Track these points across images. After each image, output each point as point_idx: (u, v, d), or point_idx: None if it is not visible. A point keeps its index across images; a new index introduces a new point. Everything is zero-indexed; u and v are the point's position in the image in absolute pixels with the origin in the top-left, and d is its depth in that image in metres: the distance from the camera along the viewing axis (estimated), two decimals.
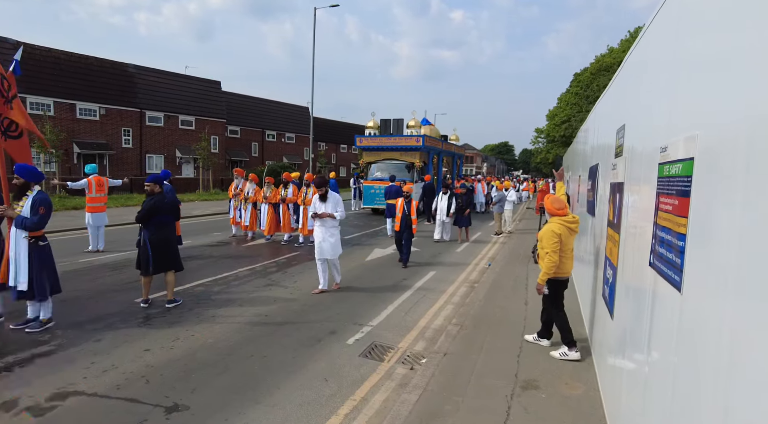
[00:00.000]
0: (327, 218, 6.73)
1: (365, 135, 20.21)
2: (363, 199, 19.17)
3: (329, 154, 52.03)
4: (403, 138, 18.93)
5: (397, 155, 18.89)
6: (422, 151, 18.76)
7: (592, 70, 40.14)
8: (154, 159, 33.29)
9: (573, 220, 4.63)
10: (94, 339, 4.88)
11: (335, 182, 19.20)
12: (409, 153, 18.70)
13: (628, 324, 2.68)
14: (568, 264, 4.61)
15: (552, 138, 45.32)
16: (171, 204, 6.17)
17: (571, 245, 4.64)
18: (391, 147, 18.89)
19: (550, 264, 4.43)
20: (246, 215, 11.59)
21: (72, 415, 3.41)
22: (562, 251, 4.48)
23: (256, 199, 11.40)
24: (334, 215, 6.73)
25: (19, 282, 4.94)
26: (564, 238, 4.50)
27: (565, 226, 4.55)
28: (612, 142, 3.93)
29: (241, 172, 12.16)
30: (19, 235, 4.96)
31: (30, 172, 5.11)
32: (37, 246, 5.03)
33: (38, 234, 5.05)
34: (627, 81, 3.49)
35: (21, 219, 4.88)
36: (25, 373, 4.05)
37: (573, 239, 4.66)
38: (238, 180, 12.01)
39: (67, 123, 28.12)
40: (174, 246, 6.22)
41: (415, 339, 5.25)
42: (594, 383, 4.00)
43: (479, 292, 7.07)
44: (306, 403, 3.72)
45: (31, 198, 5.01)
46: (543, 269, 4.51)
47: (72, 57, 29.48)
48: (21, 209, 4.95)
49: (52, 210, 5.23)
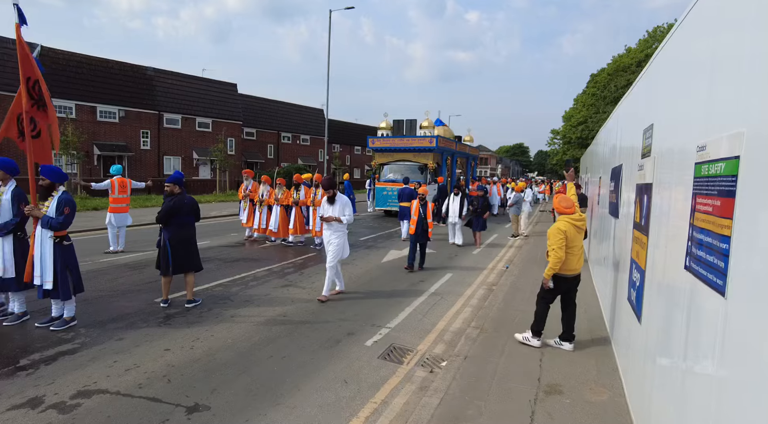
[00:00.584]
0: (334, 221, 6.51)
1: (378, 136, 20.00)
2: (375, 201, 18.97)
3: (343, 155, 52.18)
4: (416, 139, 18.68)
5: (410, 156, 18.67)
6: (435, 153, 18.49)
7: (609, 71, 39.51)
8: (171, 160, 33.76)
9: (580, 218, 4.79)
10: (116, 338, 4.93)
11: (350, 184, 19.14)
12: (422, 154, 18.46)
13: (659, 329, 2.60)
14: (574, 261, 4.75)
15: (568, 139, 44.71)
16: (191, 205, 6.13)
17: (579, 243, 4.76)
18: (403, 148, 18.68)
19: (555, 260, 4.61)
20: (261, 217, 11.47)
21: (96, 413, 3.44)
22: (569, 248, 4.66)
23: (270, 201, 11.26)
24: (340, 218, 6.47)
25: (45, 281, 5.02)
26: (570, 235, 4.66)
27: (571, 224, 4.71)
28: (638, 142, 3.85)
29: (250, 173, 12.01)
30: (45, 234, 5.04)
31: (55, 173, 5.18)
32: (61, 246, 5.11)
33: (63, 234, 5.13)
34: (656, 79, 3.40)
35: (47, 219, 4.96)
36: (50, 370, 4.11)
37: (581, 237, 4.81)
38: (247, 181, 11.85)
39: (88, 125, 28.70)
40: (194, 247, 6.21)
41: (434, 342, 5.20)
42: (619, 389, 3.91)
43: (498, 295, 6.98)
44: (326, 405, 3.70)
45: (57, 198, 5.09)
46: (549, 265, 4.68)
47: (93, 61, 30.09)
48: (47, 209, 5.03)
49: (76, 210, 5.31)
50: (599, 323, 5.72)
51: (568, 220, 4.73)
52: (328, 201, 6.56)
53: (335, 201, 6.53)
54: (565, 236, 4.62)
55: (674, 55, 2.85)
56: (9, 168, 5.25)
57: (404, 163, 18.73)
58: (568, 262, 4.70)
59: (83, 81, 29.02)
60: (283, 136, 46.46)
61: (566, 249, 4.63)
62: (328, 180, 6.59)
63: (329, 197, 6.54)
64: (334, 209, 6.51)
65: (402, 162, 18.79)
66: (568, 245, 4.64)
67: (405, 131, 20.41)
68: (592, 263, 8.77)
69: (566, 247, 4.63)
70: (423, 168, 18.38)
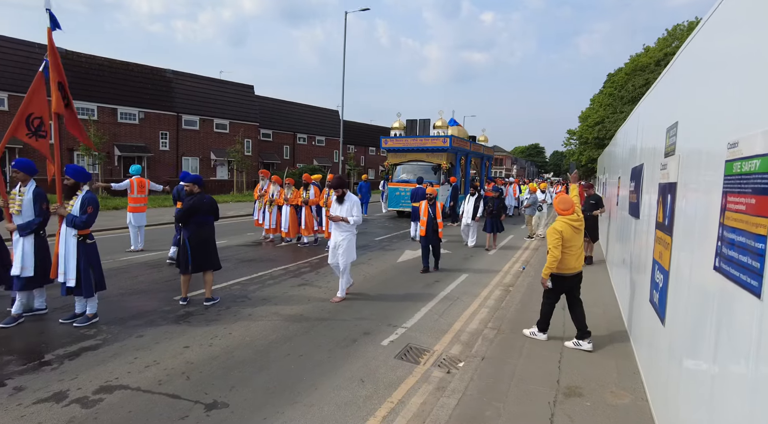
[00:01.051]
0: (341, 221, 6.38)
1: (391, 136, 19.76)
2: (388, 202, 18.75)
3: (358, 156, 52.32)
4: (429, 139, 18.33)
5: (423, 156, 18.38)
6: (449, 153, 18.18)
7: (627, 71, 38.89)
8: (189, 161, 34.24)
9: (577, 219, 4.92)
10: (136, 335, 5.01)
11: (368, 185, 18.92)
12: (435, 154, 18.16)
13: (686, 332, 2.54)
14: (573, 260, 4.88)
15: (585, 140, 44.13)
16: (210, 204, 6.18)
17: (577, 243, 4.89)
18: (416, 148, 18.42)
19: (552, 259, 4.75)
20: (271, 217, 11.44)
21: (117, 408, 3.50)
22: (566, 248, 4.79)
23: (279, 201, 11.16)
24: (348, 218, 6.33)
25: (68, 278, 5.12)
26: (567, 235, 4.79)
27: (568, 224, 4.83)
28: (660, 141, 3.77)
29: (266, 173, 11.99)
30: (69, 233, 5.15)
31: (80, 172, 5.30)
32: (84, 244, 5.22)
33: (86, 232, 5.24)
34: (681, 76, 3.32)
35: (71, 217, 5.06)
36: (74, 365, 4.19)
37: (579, 237, 4.93)
38: (263, 181, 11.83)
39: (109, 127, 29.28)
40: (212, 246, 6.27)
41: (451, 342, 5.17)
42: (641, 393, 3.83)
43: (515, 296, 6.91)
44: (343, 404, 3.70)
45: (81, 197, 5.19)
46: (546, 264, 4.83)
47: (114, 64, 30.70)
48: (71, 208, 5.14)
49: (99, 209, 5.41)
50: (618, 325, 5.62)
51: (565, 220, 4.85)
52: (337, 200, 6.47)
53: (344, 201, 6.43)
54: (561, 236, 4.75)
55: (701, 51, 2.78)
56: (28, 169, 5.33)
57: (417, 163, 18.49)
58: (566, 261, 4.83)
59: (105, 84, 29.63)
60: (299, 137, 46.78)
61: (564, 249, 4.77)
62: (338, 179, 6.56)
63: (339, 197, 6.45)
64: (343, 209, 6.41)
65: (415, 162, 18.55)
66: (565, 245, 4.78)
67: (418, 131, 20.03)
68: (611, 264, 8.62)
69: (564, 247, 4.77)
70: (436, 168, 18.14)
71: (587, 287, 7.54)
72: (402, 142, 18.81)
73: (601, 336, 5.23)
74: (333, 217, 6.38)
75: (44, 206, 5.31)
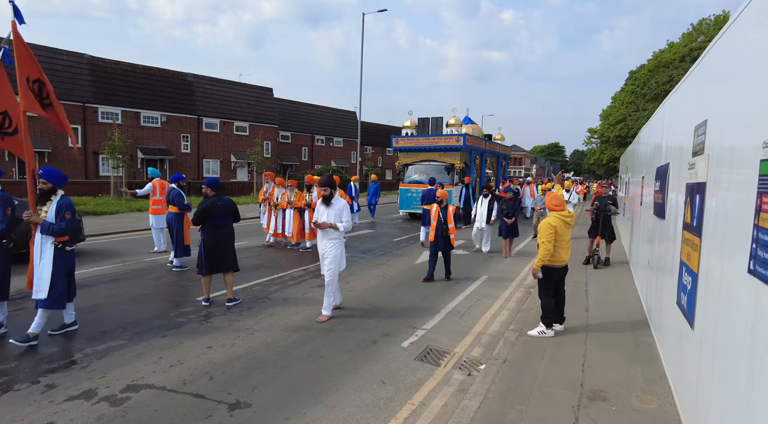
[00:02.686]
0: (328, 227, 5.63)
1: (402, 135, 19.06)
2: (399, 203, 18.16)
3: (375, 157, 52.43)
4: (442, 138, 17.57)
5: (436, 156, 17.68)
6: (463, 152, 17.42)
7: (650, 67, 37.98)
8: (210, 163, 34.83)
9: (569, 214, 5.29)
10: (160, 335, 5.10)
11: (377, 186, 18.29)
12: (448, 153, 17.44)
13: (718, 336, 2.47)
14: (563, 253, 5.22)
15: (606, 138, 43.30)
16: (226, 206, 6.16)
17: (567, 237, 5.28)
18: (429, 147, 17.73)
19: (544, 252, 5.08)
20: (277, 221, 10.97)
21: (144, 407, 3.57)
22: (557, 242, 5.12)
23: (283, 205, 10.69)
24: (336, 225, 5.61)
25: (39, 290, 4.69)
26: (560, 230, 5.13)
27: (561, 219, 5.18)
28: (688, 140, 3.67)
29: (270, 176, 11.57)
30: (45, 241, 4.75)
31: (58, 176, 4.91)
32: (63, 251, 4.87)
33: (64, 239, 4.86)
34: (710, 73, 3.23)
35: (48, 225, 4.67)
36: (102, 364, 4.30)
37: (569, 231, 5.32)
38: (268, 184, 11.43)
39: (132, 130, 29.99)
40: (229, 247, 6.28)
41: (471, 344, 5.13)
42: (668, 398, 3.74)
43: (536, 298, 6.79)
44: (364, 405, 3.71)
45: (56, 203, 4.81)
46: (539, 256, 5.15)
47: (137, 68, 31.44)
48: (45, 215, 4.74)
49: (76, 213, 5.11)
50: (643, 327, 5.50)
51: (557, 216, 5.20)
52: (324, 202, 5.67)
53: (331, 204, 5.63)
54: (555, 231, 5.08)
55: (734, 46, 2.69)
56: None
57: (430, 163, 17.80)
58: (557, 254, 5.16)
59: (128, 88, 30.39)
60: (317, 138, 47.15)
61: (555, 242, 5.11)
62: (326, 177, 5.75)
63: (325, 198, 5.65)
64: (330, 213, 5.63)
65: (427, 162, 17.85)
66: (557, 239, 5.11)
67: (430, 130, 19.25)
68: (634, 265, 8.45)
69: (556, 241, 5.11)
70: (450, 168, 17.43)
71: (611, 289, 7.43)
72: (414, 142, 18.14)
73: (625, 339, 5.13)
74: (319, 224, 5.62)
75: (8, 212, 4.88)
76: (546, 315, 5.28)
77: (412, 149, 18.22)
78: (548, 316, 5.28)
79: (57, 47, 27.78)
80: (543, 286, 5.32)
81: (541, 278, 5.25)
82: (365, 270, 8.65)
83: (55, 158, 27.19)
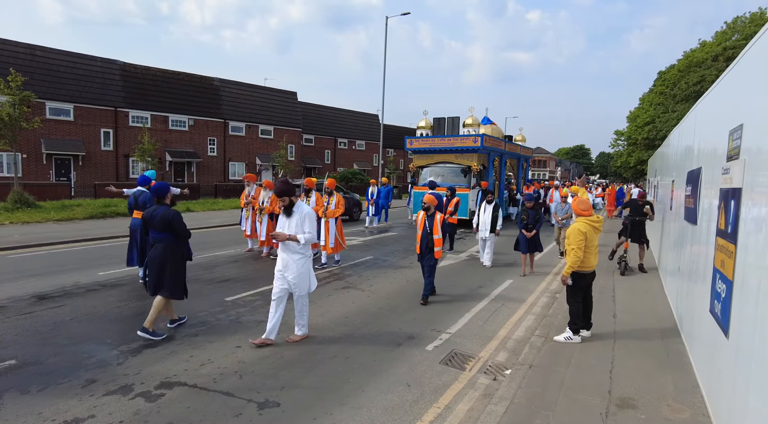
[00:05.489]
0: (286, 239, 4.85)
1: (416, 136, 18.09)
2: (413, 207, 17.24)
3: (397, 160, 52.48)
4: (458, 138, 16.61)
5: (452, 158, 16.79)
6: (481, 153, 16.46)
7: (681, 67, 36.95)
8: (236, 166, 35.51)
9: (597, 220, 5.18)
10: (191, 334, 5.25)
11: (388, 189, 17.31)
12: (465, 155, 16.50)
13: (755, 345, 2.42)
14: (592, 259, 5.13)
15: (633, 141, 42.30)
16: (161, 220, 5.04)
17: (596, 243, 5.19)
18: (444, 148, 16.83)
19: (574, 259, 4.97)
20: (262, 227, 9.82)
21: (177, 404, 3.69)
22: (586, 248, 5.01)
23: (272, 209, 9.52)
24: (297, 237, 4.82)
25: None
26: (589, 236, 5.04)
27: (590, 225, 5.08)
28: (722, 144, 3.60)
29: (252, 178, 10.52)
30: None
31: None
32: None
33: None
34: (747, 75, 3.15)
35: None
36: (137, 362, 4.45)
37: (597, 236, 5.22)
38: (249, 187, 10.33)
39: (161, 134, 30.84)
40: (164, 268, 5.09)
41: (497, 349, 5.11)
42: (702, 408, 3.66)
43: (562, 303, 6.72)
44: (390, 407, 3.75)
45: None
46: (568, 263, 5.04)
47: (166, 73, 32.34)
48: None
49: None
50: (674, 335, 5.38)
51: (586, 221, 5.10)
52: (284, 213, 4.96)
53: (292, 213, 4.91)
54: (585, 237, 4.98)
55: None
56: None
57: (445, 165, 16.96)
58: (586, 260, 5.06)
59: (158, 93, 31.30)
60: (340, 141, 47.54)
61: (585, 248, 5.00)
62: (283, 184, 4.97)
63: (285, 208, 4.92)
64: (291, 224, 4.89)
65: (443, 164, 17.01)
66: (586, 245, 5.00)
67: (446, 130, 18.10)
68: (664, 272, 8.25)
69: (585, 247, 4.99)
70: (466, 170, 16.48)
71: (639, 295, 7.28)
72: (428, 143, 17.28)
73: (655, 346, 5.03)
74: (277, 235, 4.86)
75: None
76: (574, 321, 5.22)
77: (426, 151, 17.39)
78: (576, 322, 5.22)
79: (91, 55, 28.81)
80: (571, 292, 5.25)
81: (570, 284, 5.17)
82: (388, 273, 8.68)
83: (88, 161, 28.16)
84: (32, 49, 26.65)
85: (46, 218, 14.43)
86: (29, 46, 26.63)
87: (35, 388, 3.86)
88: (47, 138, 26.23)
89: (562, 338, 5.21)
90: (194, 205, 20.63)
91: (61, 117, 26.96)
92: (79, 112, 27.58)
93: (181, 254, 5.29)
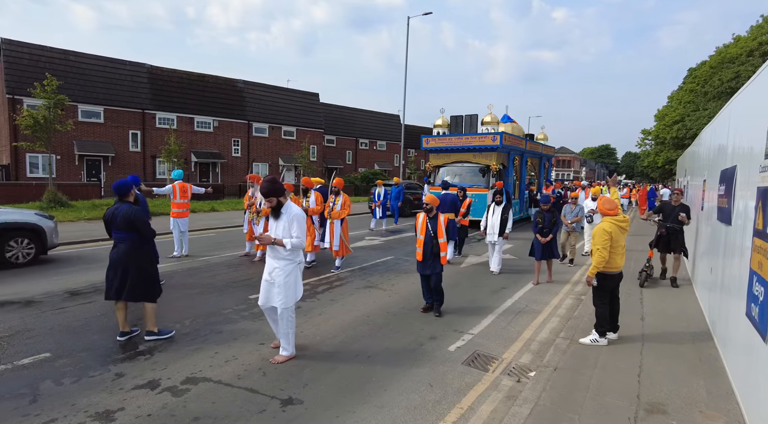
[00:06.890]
0: (271, 243, 4.44)
1: (433, 135, 17.51)
2: None
3: (418, 160, 52.33)
4: (476, 137, 15.98)
5: (470, 157, 16.23)
6: (500, 152, 15.86)
7: (713, 64, 35.74)
8: (260, 167, 35.97)
9: (624, 219, 5.05)
10: (216, 331, 5.34)
11: (399, 189, 16.71)
12: (483, 154, 15.90)
13: None
14: (618, 259, 5.02)
15: (662, 140, 41.12)
16: (124, 218, 4.80)
17: (622, 243, 5.05)
18: (462, 147, 16.25)
19: (599, 259, 4.87)
20: (259, 230, 9.02)
21: (203, 399, 3.76)
22: (612, 248, 4.92)
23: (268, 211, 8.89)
24: (283, 241, 4.38)
25: None
26: (615, 236, 4.92)
27: (616, 225, 4.96)
28: (759, 141, 3.46)
29: (255, 179, 9.90)
30: None
31: None
32: None
33: None
34: None
35: None
36: (163, 357, 4.55)
37: (624, 236, 5.07)
38: (254, 188, 9.70)
39: (186, 135, 31.50)
40: (129, 270, 4.83)
41: (520, 351, 5.03)
42: (737, 415, 3.52)
43: (588, 305, 6.59)
44: (412, 407, 3.73)
45: None
46: (593, 263, 4.95)
47: (192, 76, 33.03)
48: None
49: None
50: (706, 339, 5.20)
51: (612, 221, 4.98)
52: (272, 214, 4.55)
53: (280, 215, 4.49)
54: (610, 237, 4.88)
55: None
56: None
57: (463, 164, 16.45)
58: (612, 260, 4.97)
59: (183, 95, 32.00)
60: (361, 142, 47.69)
61: (611, 249, 4.90)
62: (270, 183, 4.42)
63: (273, 209, 4.51)
64: (278, 226, 4.51)
65: (460, 164, 16.49)
66: (612, 245, 4.90)
67: (464, 129, 17.43)
68: (694, 273, 7.99)
69: (611, 246, 4.89)
70: (485, 170, 15.92)
71: (668, 298, 7.07)
72: (445, 142, 16.64)
73: (685, 350, 4.88)
74: (261, 237, 4.48)
75: None
76: (600, 324, 5.12)
77: (443, 150, 16.74)
78: (603, 324, 5.11)
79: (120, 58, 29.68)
80: (598, 293, 5.15)
81: (595, 285, 5.07)
82: (410, 273, 8.65)
83: (117, 162, 28.97)
84: (66, 54, 27.60)
85: (78, 217, 14.93)
86: (63, 51, 27.59)
87: (68, 380, 3.99)
88: (79, 140, 27.11)
89: (588, 340, 5.11)
90: (219, 205, 21.04)
91: (92, 119, 27.82)
92: (109, 114, 28.41)
93: (146, 254, 5.03)
